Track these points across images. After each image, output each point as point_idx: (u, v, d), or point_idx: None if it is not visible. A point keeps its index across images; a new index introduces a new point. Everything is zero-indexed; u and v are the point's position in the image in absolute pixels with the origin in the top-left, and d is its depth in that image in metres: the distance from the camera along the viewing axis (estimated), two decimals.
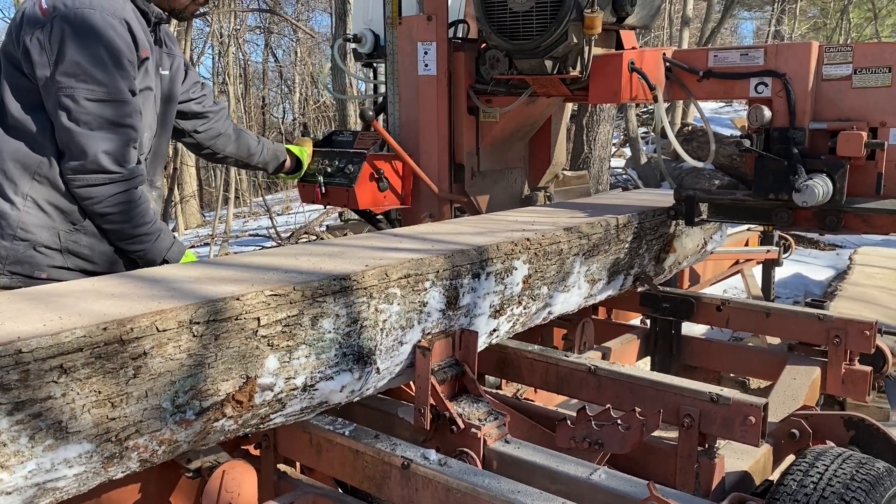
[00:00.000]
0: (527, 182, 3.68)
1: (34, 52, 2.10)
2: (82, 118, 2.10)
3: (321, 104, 22.11)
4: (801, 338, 2.83)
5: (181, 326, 1.37)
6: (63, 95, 2.09)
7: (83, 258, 2.27)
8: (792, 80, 2.52)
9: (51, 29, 2.08)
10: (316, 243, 2.28)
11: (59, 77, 2.08)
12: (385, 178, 3.12)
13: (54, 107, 2.11)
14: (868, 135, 2.43)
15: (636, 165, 12.55)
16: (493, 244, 2.09)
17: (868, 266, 6.46)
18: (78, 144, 2.12)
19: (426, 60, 3.13)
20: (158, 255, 2.33)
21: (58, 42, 2.07)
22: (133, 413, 1.32)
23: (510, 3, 2.81)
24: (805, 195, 2.39)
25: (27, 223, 2.17)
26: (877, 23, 19.40)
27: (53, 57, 2.08)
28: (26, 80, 2.15)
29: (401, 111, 3.28)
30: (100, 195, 2.18)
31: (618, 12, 2.80)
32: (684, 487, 1.98)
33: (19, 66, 2.16)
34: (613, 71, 2.81)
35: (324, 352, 1.62)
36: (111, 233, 2.27)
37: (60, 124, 2.11)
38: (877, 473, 1.71)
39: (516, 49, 2.85)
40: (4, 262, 2.17)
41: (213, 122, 2.85)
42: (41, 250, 2.20)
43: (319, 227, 9.52)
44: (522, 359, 2.41)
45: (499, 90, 3.13)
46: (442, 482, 1.59)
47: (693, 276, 4.46)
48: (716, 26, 14.68)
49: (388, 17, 3.30)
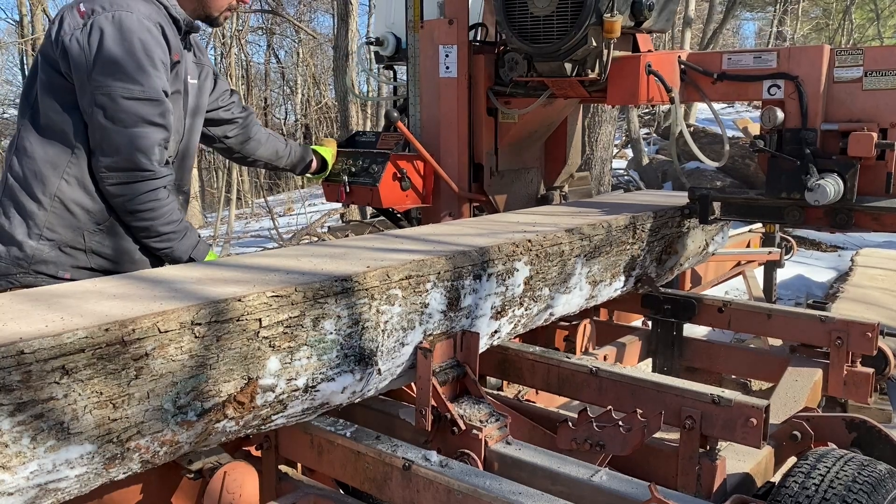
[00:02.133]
0: (542, 181, 3.76)
1: (73, 51, 2.15)
2: (118, 116, 2.15)
3: (323, 105, 22.13)
4: (802, 339, 2.83)
5: (183, 327, 1.37)
6: (100, 94, 2.14)
7: (106, 258, 2.30)
8: (804, 83, 2.60)
9: (89, 30, 2.14)
10: (318, 244, 2.29)
11: (97, 76, 2.13)
12: (407, 178, 3.19)
13: (90, 105, 2.15)
14: (878, 135, 2.51)
15: (638, 166, 12.54)
16: (495, 245, 2.09)
17: (870, 267, 6.45)
18: (113, 142, 2.17)
19: (447, 63, 3.21)
20: (184, 253, 2.36)
21: (96, 42, 2.13)
22: (135, 414, 1.32)
23: (531, 7, 2.86)
24: (817, 194, 2.45)
25: (53, 223, 2.22)
26: (879, 23, 19.39)
27: (91, 57, 2.13)
28: (63, 80, 2.20)
29: (422, 112, 3.35)
30: (131, 193, 2.22)
31: (636, 17, 2.85)
32: (685, 489, 1.98)
33: (56, 66, 2.21)
34: (631, 73, 2.86)
35: (325, 353, 1.63)
36: (139, 230, 2.30)
37: (97, 122, 2.16)
38: (878, 475, 1.71)
39: (537, 52, 2.90)
40: (30, 261, 2.21)
41: (241, 127, 2.91)
42: (66, 250, 2.24)
43: (321, 229, 9.53)
44: (524, 360, 2.41)
45: (517, 92, 3.18)
46: (443, 483, 1.59)
47: (695, 278, 4.45)
48: (718, 27, 14.69)
49: (410, 21, 3.36)
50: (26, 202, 2.21)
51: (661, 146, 15.22)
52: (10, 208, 2.23)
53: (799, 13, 21.39)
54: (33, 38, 15.35)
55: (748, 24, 31.39)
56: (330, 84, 21.81)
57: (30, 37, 15.44)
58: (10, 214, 2.23)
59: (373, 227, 5.35)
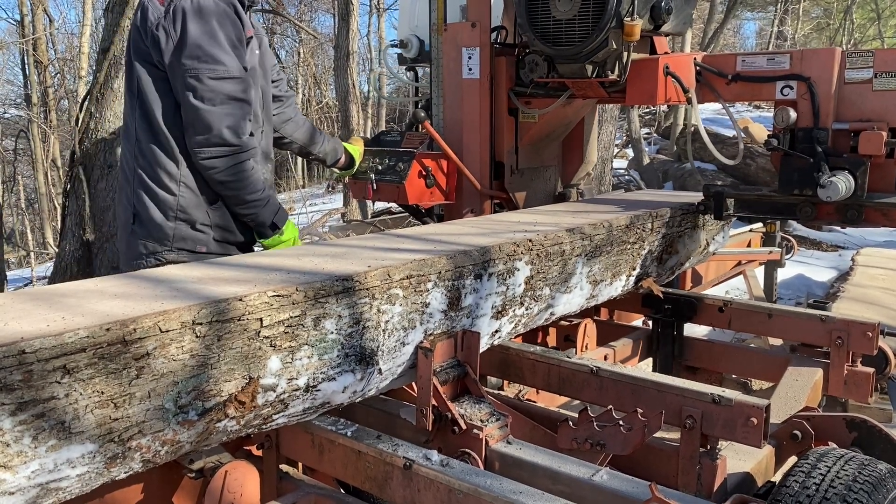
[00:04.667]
0: (560, 179, 3.84)
1: (161, 40, 2.33)
2: (207, 95, 2.33)
3: (324, 105, 22.14)
4: (803, 339, 2.83)
5: (184, 327, 1.37)
6: (189, 77, 2.32)
7: (227, 230, 2.54)
8: (816, 84, 2.70)
9: (173, 17, 2.33)
10: (319, 244, 2.29)
11: (185, 60, 2.31)
12: (432, 175, 3.29)
13: (182, 87, 2.34)
14: (888, 134, 2.60)
15: (638, 166, 12.54)
16: (496, 245, 2.09)
17: (870, 267, 6.45)
18: (203, 120, 2.35)
19: (470, 65, 3.31)
20: (267, 218, 2.57)
21: (179, 28, 2.32)
22: (136, 413, 1.32)
23: (554, 11, 2.94)
24: (829, 190, 2.55)
25: (184, 205, 2.45)
26: (880, 23, 19.38)
27: (176, 42, 2.32)
28: (156, 69, 2.38)
29: (445, 112, 3.45)
30: (221, 166, 2.41)
31: (655, 20, 2.94)
32: (686, 488, 1.98)
33: (148, 57, 2.38)
34: (650, 75, 2.93)
35: (326, 352, 1.63)
36: (227, 199, 2.51)
37: (188, 102, 2.34)
38: (879, 475, 1.71)
39: (559, 54, 2.98)
40: (171, 240, 2.46)
41: (285, 105, 3.02)
42: (199, 227, 2.49)
43: (322, 228, 9.53)
44: (524, 360, 2.41)
45: (538, 92, 3.26)
46: (444, 483, 1.59)
47: (695, 278, 4.45)
48: (718, 27, 14.69)
49: (434, 24, 3.47)
50: (158, 190, 2.43)
51: (662, 146, 15.21)
52: (145, 196, 2.44)
53: (800, 13, 21.39)
54: (34, 37, 15.34)
55: (749, 23, 31.37)
56: (331, 84, 21.80)
57: (30, 36, 15.42)
58: (146, 202, 2.44)
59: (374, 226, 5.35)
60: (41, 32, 15.76)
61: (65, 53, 20.14)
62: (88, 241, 4.57)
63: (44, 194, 15.42)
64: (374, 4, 20.65)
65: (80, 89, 13.42)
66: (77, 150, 4.63)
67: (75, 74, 17.18)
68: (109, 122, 4.60)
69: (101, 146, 4.58)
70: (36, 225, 16.89)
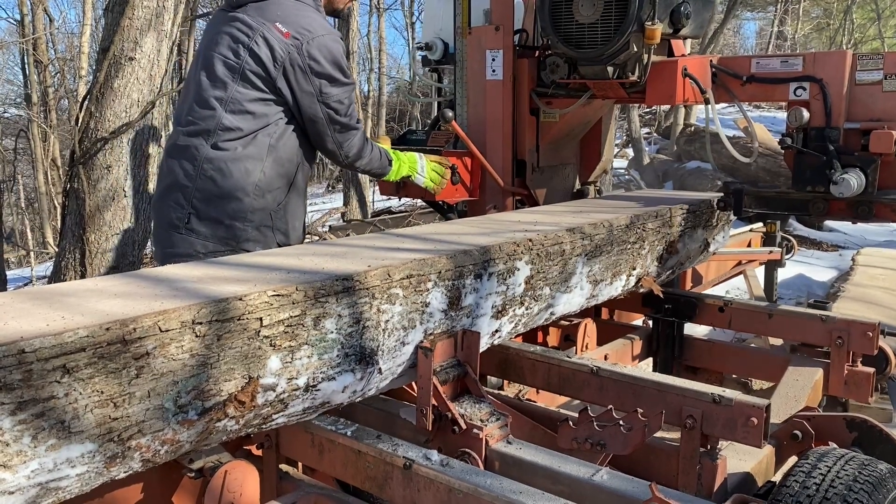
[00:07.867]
0: (578, 177, 3.93)
1: (295, 74, 2.62)
2: (349, 112, 2.76)
3: None
4: (803, 339, 2.84)
5: (184, 326, 1.37)
6: (332, 101, 2.70)
7: (282, 232, 2.77)
8: (828, 85, 2.81)
9: (307, 56, 2.63)
10: (319, 243, 2.29)
11: (325, 90, 2.68)
12: (457, 173, 3.37)
13: (323, 110, 2.70)
14: None
15: (638, 166, 12.55)
16: (496, 245, 2.09)
17: (871, 267, 6.45)
18: (349, 128, 2.79)
19: (493, 66, 3.42)
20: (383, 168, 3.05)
21: (317, 65, 2.64)
22: (136, 413, 1.32)
23: (577, 15, 3.02)
24: (841, 187, 2.66)
25: (255, 208, 2.66)
26: (880, 23, 19.39)
27: (317, 76, 2.65)
28: (263, 93, 2.62)
29: (469, 112, 3.55)
30: (364, 156, 2.91)
31: (674, 24, 3.01)
32: (686, 488, 1.98)
33: (260, 77, 2.60)
34: (669, 76, 3.02)
35: (326, 352, 1.63)
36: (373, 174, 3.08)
37: (334, 119, 2.73)
38: (879, 475, 1.71)
39: (581, 57, 3.07)
40: (237, 241, 2.66)
41: None
42: (262, 230, 2.70)
43: (322, 228, 9.53)
44: (524, 359, 2.41)
45: (559, 93, 3.35)
46: (444, 483, 1.59)
47: (695, 277, 4.45)
48: (719, 27, 14.67)
49: (459, 28, 3.57)
50: (232, 191, 2.60)
51: (662, 146, 15.22)
52: (215, 196, 2.61)
53: (800, 13, 21.40)
54: (34, 37, 15.33)
55: (749, 23, 31.38)
56: None
57: (30, 36, 15.41)
58: (216, 202, 2.61)
59: (374, 226, 5.35)
60: (41, 32, 15.74)
61: (65, 53, 20.17)
62: (88, 240, 4.57)
63: (44, 194, 15.41)
64: (374, 4, 20.65)
65: (80, 89, 13.40)
66: (77, 149, 4.64)
67: (75, 74, 17.18)
68: (109, 121, 4.60)
69: (101, 146, 4.58)
70: (36, 225, 16.87)
